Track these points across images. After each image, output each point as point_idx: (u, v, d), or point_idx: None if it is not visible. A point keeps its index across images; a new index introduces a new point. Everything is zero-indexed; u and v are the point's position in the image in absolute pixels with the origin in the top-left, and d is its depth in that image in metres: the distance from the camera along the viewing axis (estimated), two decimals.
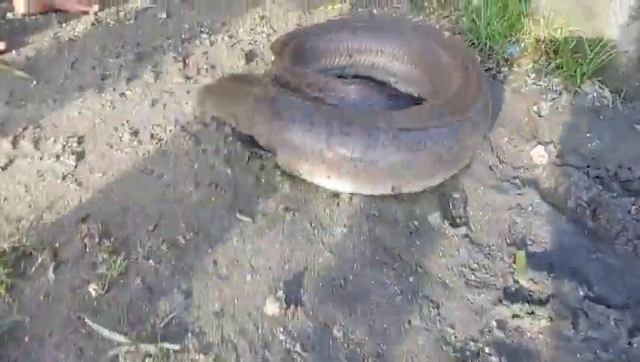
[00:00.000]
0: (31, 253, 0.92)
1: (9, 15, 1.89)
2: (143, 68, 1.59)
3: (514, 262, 0.98)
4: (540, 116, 1.37)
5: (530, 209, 1.09)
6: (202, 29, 1.88)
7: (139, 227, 1.01)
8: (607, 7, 1.46)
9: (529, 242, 1.03)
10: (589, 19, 1.52)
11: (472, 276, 0.96)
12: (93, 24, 1.93)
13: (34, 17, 1.87)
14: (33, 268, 0.89)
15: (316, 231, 1.03)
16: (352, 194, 1.10)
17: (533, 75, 1.56)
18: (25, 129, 1.30)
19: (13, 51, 1.70)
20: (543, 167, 1.22)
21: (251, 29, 1.87)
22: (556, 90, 1.46)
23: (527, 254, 0.99)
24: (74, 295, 0.85)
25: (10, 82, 1.52)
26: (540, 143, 1.27)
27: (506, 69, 1.60)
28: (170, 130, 1.30)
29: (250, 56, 1.68)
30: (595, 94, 1.41)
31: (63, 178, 1.14)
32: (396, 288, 0.94)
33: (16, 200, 1.07)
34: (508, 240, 1.03)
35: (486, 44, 1.67)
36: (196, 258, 0.95)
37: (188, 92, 1.48)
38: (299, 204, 1.09)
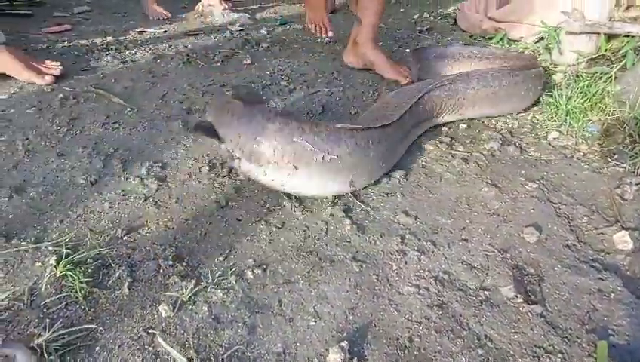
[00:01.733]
0: (110, 264, 0.96)
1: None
2: None
3: (594, 352, 0.91)
4: (623, 199, 1.31)
5: (612, 296, 1.02)
6: (282, 76, 1.98)
7: (210, 256, 1.03)
8: None
9: (610, 332, 0.96)
10: None
11: (548, 359, 0.89)
12: (184, 62, 2.08)
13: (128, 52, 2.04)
14: (110, 280, 0.93)
15: (383, 286, 1.01)
16: (421, 253, 1.08)
17: (615, 156, 1.51)
18: (116, 150, 1.39)
19: (113, 80, 1.85)
20: (627, 253, 1.15)
21: (328, 82, 1.95)
22: None
23: (609, 345, 0.92)
24: (145, 312, 0.87)
25: (108, 107, 1.65)
26: (623, 228, 1.21)
27: (586, 147, 1.56)
28: None
29: (326, 107, 1.74)
30: None
31: (145, 199, 1.19)
32: (463, 359, 0.89)
33: (101, 215, 1.13)
34: (587, 327, 0.96)
35: (565, 120, 1.65)
36: (262, 294, 0.95)
37: None
38: (367, 255, 1.07)
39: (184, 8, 3.20)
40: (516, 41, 2.51)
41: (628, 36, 1.92)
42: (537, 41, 2.29)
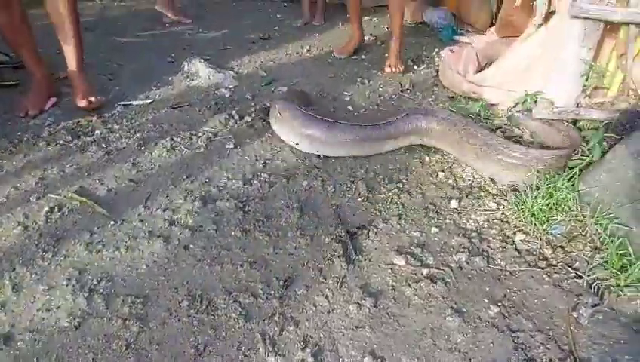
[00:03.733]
0: None
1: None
2: (206, 217, 1.74)
3: None
4: (578, 323, 1.39)
5: None
6: (263, 166, 2.04)
7: None
8: None
9: None
10: (637, 218, 1.55)
11: None
12: (167, 150, 2.14)
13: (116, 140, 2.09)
14: None
15: None
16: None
17: (576, 264, 1.58)
18: (99, 281, 1.46)
19: (97, 180, 1.91)
20: None
21: (308, 172, 2.00)
22: (599, 292, 1.47)
23: None
24: None
25: (92, 220, 1.71)
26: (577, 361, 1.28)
27: (550, 252, 1.64)
28: (224, 299, 1.42)
29: (305, 207, 1.80)
30: (638, 307, 1.42)
31: (127, 347, 1.27)
32: None
33: None
34: None
35: (531, 221, 1.72)
36: None
37: (244, 249, 1.61)
38: None
39: (171, 62, 3.25)
40: (493, 104, 2.57)
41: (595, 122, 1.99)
42: (511, 111, 2.35)
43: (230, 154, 2.15)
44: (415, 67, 3.28)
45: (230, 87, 2.86)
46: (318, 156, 2.11)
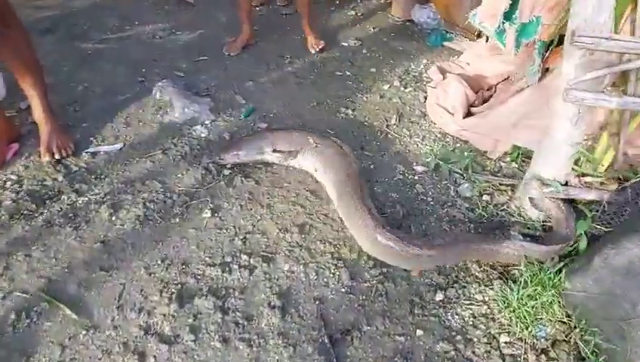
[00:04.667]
0: None
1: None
2: (184, 322, 1.66)
3: None
4: None
5: None
6: (243, 243, 1.95)
7: None
8: None
9: None
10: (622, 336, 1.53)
11: None
12: (141, 221, 2.03)
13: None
14: None
15: None
16: None
17: None
18: None
19: (66, 270, 1.80)
20: None
21: (290, 251, 1.93)
22: None
23: None
24: None
25: (63, 327, 1.63)
26: None
27: (534, 358, 1.63)
28: None
29: (287, 302, 1.74)
30: None
31: None
32: None
33: None
34: None
35: (516, 323, 1.70)
36: None
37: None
38: None
39: (141, 82, 3.03)
40: (483, 151, 2.49)
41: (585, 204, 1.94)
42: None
43: (207, 226, 2.05)
44: (403, 88, 3.14)
45: (207, 122, 2.69)
46: (300, 233, 2.03)
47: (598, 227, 1.83)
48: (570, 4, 1.66)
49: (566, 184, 1.93)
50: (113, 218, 2.05)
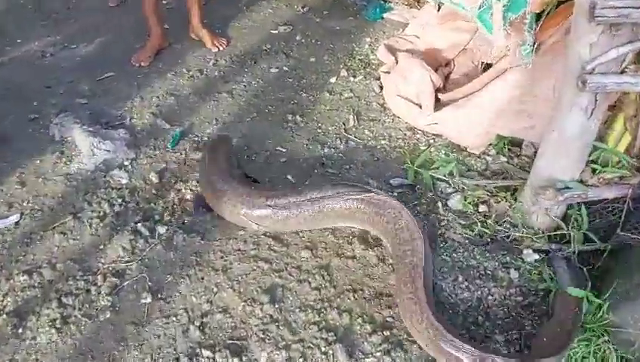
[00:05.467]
0: None
1: None
2: None
3: None
4: None
5: None
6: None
7: None
8: None
9: None
10: None
11: None
12: (58, 329, 1.53)
13: None
14: None
15: None
16: None
17: None
18: None
19: None
20: None
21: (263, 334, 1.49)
22: None
23: None
24: None
25: None
26: None
27: None
28: None
29: None
30: None
31: None
32: None
33: None
34: None
35: None
36: None
37: None
38: None
39: (34, 120, 2.41)
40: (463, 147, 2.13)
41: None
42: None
43: (150, 315, 1.57)
44: (352, 78, 2.70)
45: (126, 163, 2.15)
46: (272, 302, 1.59)
47: (628, 235, 1.52)
48: None
49: (582, 184, 1.61)
50: (19, 331, 1.52)
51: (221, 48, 2.91)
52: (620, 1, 1.18)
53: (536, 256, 1.65)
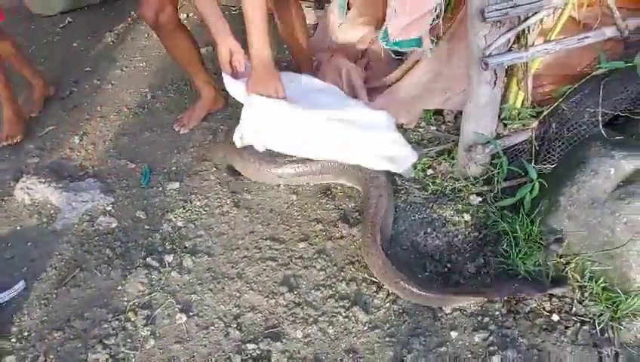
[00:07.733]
0: None
1: None
2: None
3: None
4: None
5: None
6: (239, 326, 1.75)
7: None
8: None
9: None
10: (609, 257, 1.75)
11: None
12: None
13: None
14: None
15: None
16: None
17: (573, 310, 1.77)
18: None
19: None
20: None
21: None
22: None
23: None
24: None
25: None
26: None
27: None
28: None
29: None
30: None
31: None
32: None
33: None
34: None
35: None
36: None
37: None
38: None
39: None
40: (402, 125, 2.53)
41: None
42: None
43: (191, 333, 1.78)
44: None
45: (108, 208, 2.27)
46: (290, 290, 1.88)
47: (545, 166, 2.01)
48: None
49: (498, 137, 2.08)
50: None
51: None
52: (500, 5, 1.63)
53: (480, 199, 2.10)
